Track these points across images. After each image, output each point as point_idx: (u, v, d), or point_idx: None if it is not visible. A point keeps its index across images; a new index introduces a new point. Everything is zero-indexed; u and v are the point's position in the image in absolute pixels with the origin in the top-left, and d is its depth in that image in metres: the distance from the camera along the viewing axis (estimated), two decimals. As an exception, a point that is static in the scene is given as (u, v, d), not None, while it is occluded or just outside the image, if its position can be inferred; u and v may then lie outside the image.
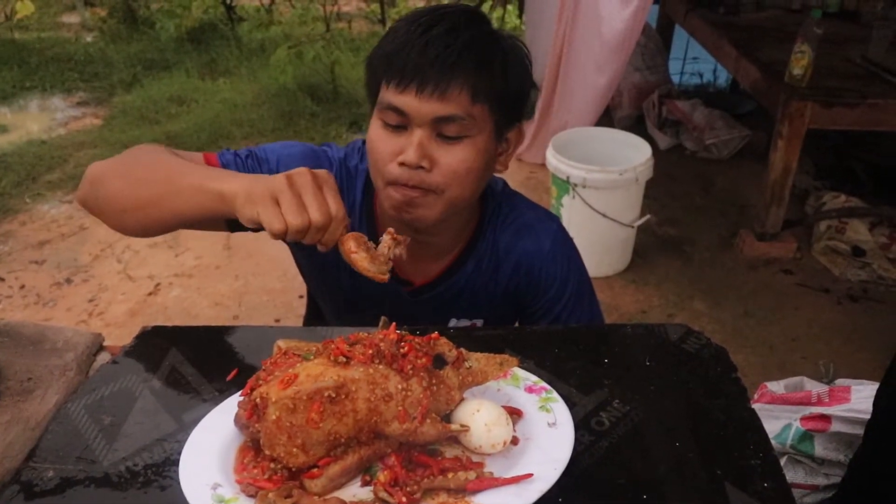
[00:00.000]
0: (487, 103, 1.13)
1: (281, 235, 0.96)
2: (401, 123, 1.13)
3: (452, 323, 1.37)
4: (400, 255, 1.01)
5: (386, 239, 1.01)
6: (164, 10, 6.67)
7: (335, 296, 1.42)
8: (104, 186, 1.13)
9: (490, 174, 1.24)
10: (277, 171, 1.20)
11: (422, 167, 1.12)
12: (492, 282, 1.34)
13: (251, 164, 1.25)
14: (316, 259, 1.33)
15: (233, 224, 1.14)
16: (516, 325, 1.43)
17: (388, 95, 1.12)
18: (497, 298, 1.35)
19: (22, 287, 3.31)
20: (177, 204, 1.07)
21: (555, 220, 1.37)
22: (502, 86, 1.14)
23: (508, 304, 1.37)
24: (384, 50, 1.14)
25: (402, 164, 1.12)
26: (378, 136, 1.15)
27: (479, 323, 1.38)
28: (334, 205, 0.97)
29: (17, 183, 4.24)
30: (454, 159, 1.13)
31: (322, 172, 1.00)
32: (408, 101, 1.10)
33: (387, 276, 0.98)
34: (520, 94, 1.20)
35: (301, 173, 0.98)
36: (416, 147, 1.11)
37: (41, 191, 4.18)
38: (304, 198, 0.96)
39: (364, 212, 1.30)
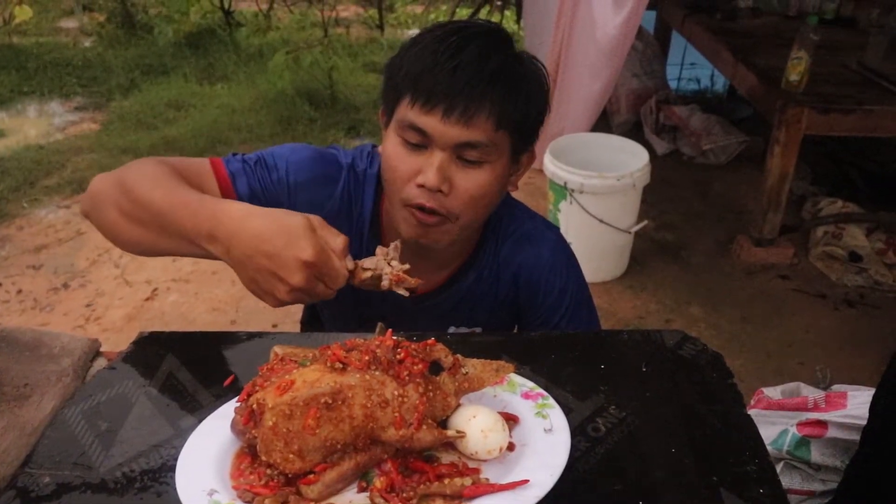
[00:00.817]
0: (509, 130, 1.13)
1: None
2: (421, 143, 1.12)
3: (451, 330, 1.38)
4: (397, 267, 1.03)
5: (380, 261, 1.03)
6: (163, 16, 6.68)
7: (340, 304, 1.42)
8: (103, 213, 1.12)
9: (502, 196, 1.25)
10: (287, 179, 1.23)
11: (440, 191, 1.12)
12: (492, 291, 1.34)
13: (260, 171, 1.23)
14: None
15: None
16: (514, 331, 1.44)
17: (412, 115, 1.11)
18: (496, 307, 1.36)
19: (19, 292, 3.30)
20: (171, 247, 1.08)
21: (553, 230, 1.38)
22: (524, 113, 1.14)
23: (507, 313, 1.38)
24: (411, 68, 1.12)
25: (420, 185, 1.12)
26: (396, 154, 1.15)
27: (479, 331, 1.39)
28: (336, 284, 0.99)
29: (15, 188, 4.24)
30: (472, 184, 1.13)
31: (316, 261, 0.95)
32: (432, 123, 1.09)
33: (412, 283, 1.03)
34: (538, 118, 1.20)
35: (303, 279, 0.95)
36: (436, 170, 1.11)
37: (38, 196, 4.17)
38: (311, 296, 0.99)
39: (372, 219, 1.30)
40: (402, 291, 1.03)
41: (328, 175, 1.28)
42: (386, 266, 1.03)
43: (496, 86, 1.09)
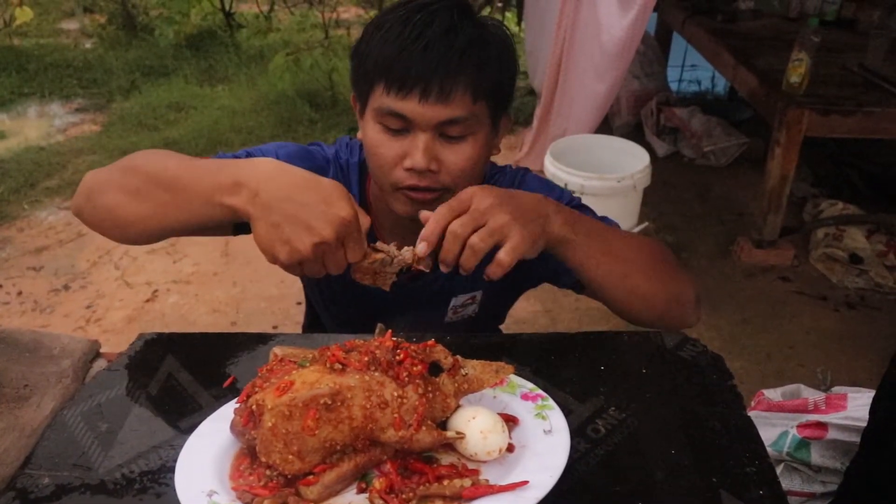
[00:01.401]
0: (486, 99, 1.13)
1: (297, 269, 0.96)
2: (402, 127, 1.12)
3: (453, 301, 1.36)
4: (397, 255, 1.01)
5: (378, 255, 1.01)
6: (163, 17, 6.68)
7: (330, 288, 1.42)
8: (102, 198, 1.09)
9: (489, 160, 1.25)
10: None
11: (430, 170, 1.12)
12: None
13: None
14: None
15: (239, 227, 1.13)
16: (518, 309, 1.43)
17: (388, 101, 1.11)
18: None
19: (20, 293, 3.31)
20: (182, 216, 1.03)
21: (521, 170, 1.36)
22: (498, 80, 1.15)
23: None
24: (380, 54, 1.11)
25: (409, 168, 1.12)
26: (379, 141, 1.14)
27: (479, 294, 1.37)
28: (356, 256, 0.97)
29: (15, 189, 4.24)
30: (461, 157, 1.14)
31: (352, 220, 0.95)
32: (411, 107, 1.09)
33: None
34: (511, 82, 1.20)
35: (334, 232, 0.93)
36: (422, 152, 1.11)
37: (39, 197, 4.18)
38: (328, 262, 0.96)
39: (360, 205, 1.30)
40: (422, 267, 1.00)
41: (316, 168, 1.26)
42: (395, 249, 1.01)
43: (468, 59, 1.09)
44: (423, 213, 1.00)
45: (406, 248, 1.00)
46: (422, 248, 0.98)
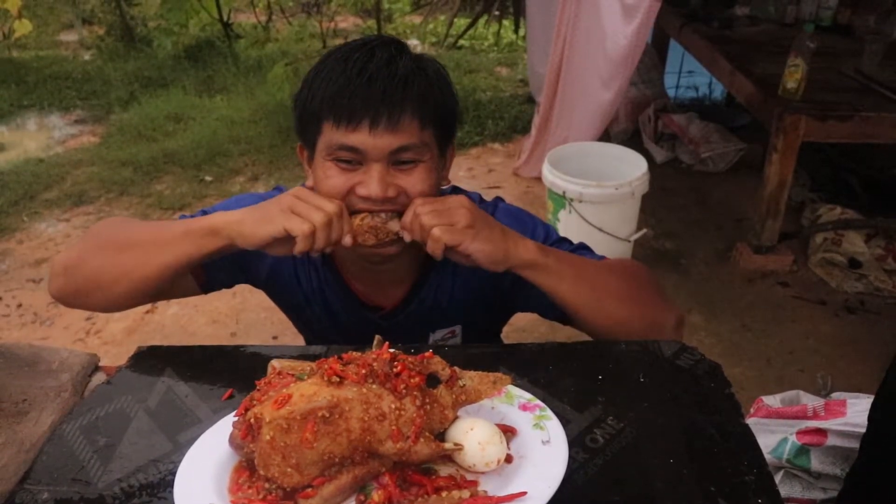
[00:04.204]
0: (432, 127, 1.16)
1: (310, 238, 1.05)
2: (354, 160, 1.14)
3: (432, 337, 1.38)
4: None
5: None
6: (162, 28, 6.72)
7: (312, 328, 1.46)
8: (83, 268, 1.18)
9: (438, 192, 1.24)
10: None
11: (387, 197, 1.14)
12: (457, 287, 1.34)
13: None
14: (287, 300, 1.41)
15: (207, 284, 1.30)
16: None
17: (339, 136, 1.12)
18: (469, 300, 1.35)
19: (19, 306, 3.31)
20: (164, 257, 1.14)
21: (494, 203, 1.37)
22: (442, 107, 1.17)
23: (483, 302, 1.36)
24: (325, 93, 1.13)
25: (365, 197, 1.14)
26: (329, 176, 1.15)
27: (458, 329, 1.39)
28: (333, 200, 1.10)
29: (15, 201, 4.25)
30: (416, 183, 1.15)
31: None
32: (362, 138, 1.11)
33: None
34: (454, 111, 1.22)
35: (296, 188, 1.11)
36: (378, 181, 1.12)
37: (38, 209, 4.19)
38: (312, 201, 1.08)
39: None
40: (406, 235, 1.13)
41: None
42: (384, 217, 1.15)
43: (411, 88, 1.12)
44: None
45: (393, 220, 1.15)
46: (405, 236, 1.13)
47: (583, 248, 1.32)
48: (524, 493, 0.80)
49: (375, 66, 1.11)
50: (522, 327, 2.92)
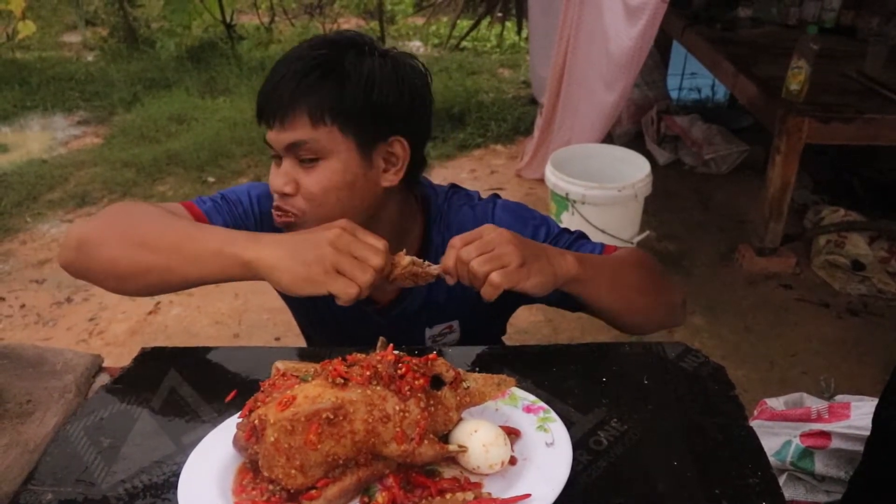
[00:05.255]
0: (335, 124, 1.13)
1: (356, 299, 1.00)
2: (277, 156, 1.17)
3: (429, 331, 1.37)
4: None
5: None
6: (165, 29, 6.73)
7: (309, 317, 1.47)
8: (99, 251, 1.11)
9: (369, 190, 1.20)
10: (252, 209, 1.29)
11: (286, 193, 1.15)
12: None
13: (228, 207, 1.28)
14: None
15: None
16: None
17: (266, 134, 1.17)
18: (466, 295, 1.33)
19: (22, 306, 3.31)
20: (190, 270, 1.07)
21: (492, 200, 1.35)
22: (350, 104, 1.12)
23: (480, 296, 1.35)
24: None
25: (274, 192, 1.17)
26: (271, 172, 1.20)
27: (455, 324, 1.38)
28: (377, 241, 1.02)
29: (18, 202, 4.26)
30: (311, 181, 1.15)
31: (342, 222, 1.03)
32: (271, 136, 1.15)
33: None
34: (382, 108, 1.15)
35: (335, 233, 1.01)
36: (279, 174, 1.16)
37: (42, 210, 4.19)
38: (357, 252, 1.00)
39: None
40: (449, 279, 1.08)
41: None
42: (424, 263, 1.08)
43: (303, 83, 1.11)
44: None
45: (433, 265, 1.08)
46: (448, 279, 1.07)
47: (581, 238, 1.31)
48: (528, 495, 0.80)
49: (289, 67, 1.13)
50: (525, 329, 2.92)
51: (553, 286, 1.07)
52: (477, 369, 1.03)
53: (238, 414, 0.90)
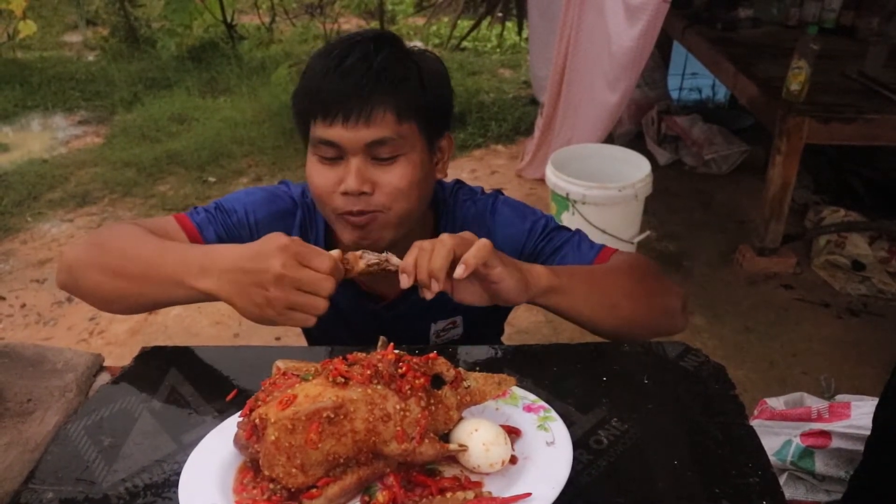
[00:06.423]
0: (414, 120, 1.16)
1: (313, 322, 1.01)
2: (336, 155, 1.16)
3: (434, 327, 1.38)
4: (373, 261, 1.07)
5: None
6: (166, 29, 6.72)
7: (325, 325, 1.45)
8: (83, 278, 1.16)
9: (432, 183, 1.27)
10: (247, 219, 1.30)
11: (364, 192, 1.15)
12: None
13: (221, 217, 1.29)
14: None
15: None
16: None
17: (319, 131, 1.15)
18: None
19: (23, 306, 3.31)
20: (160, 296, 1.12)
21: (494, 195, 1.38)
22: (424, 100, 1.17)
23: None
24: (308, 89, 1.17)
25: (344, 193, 1.15)
26: (316, 172, 1.18)
27: (459, 319, 1.39)
28: (324, 262, 1.00)
29: (19, 202, 4.26)
30: (393, 178, 1.16)
31: (282, 242, 1.00)
32: (337, 132, 1.13)
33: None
34: (442, 104, 1.22)
35: (278, 271, 0.97)
36: (354, 174, 1.14)
37: (42, 209, 4.19)
38: (306, 286, 0.99)
39: (326, 241, 1.33)
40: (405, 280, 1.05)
41: (285, 210, 1.34)
42: (386, 256, 1.07)
43: (385, 81, 1.12)
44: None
45: (392, 261, 1.07)
46: (403, 279, 1.04)
47: (579, 235, 1.32)
48: (529, 495, 0.80)
49: (352, 60, 1.12)
50: (525, 329, 2.92)
51: (526, 292, 1.07)
52: (477, 368, 1.02)
53: (239, 413, 0.90)
